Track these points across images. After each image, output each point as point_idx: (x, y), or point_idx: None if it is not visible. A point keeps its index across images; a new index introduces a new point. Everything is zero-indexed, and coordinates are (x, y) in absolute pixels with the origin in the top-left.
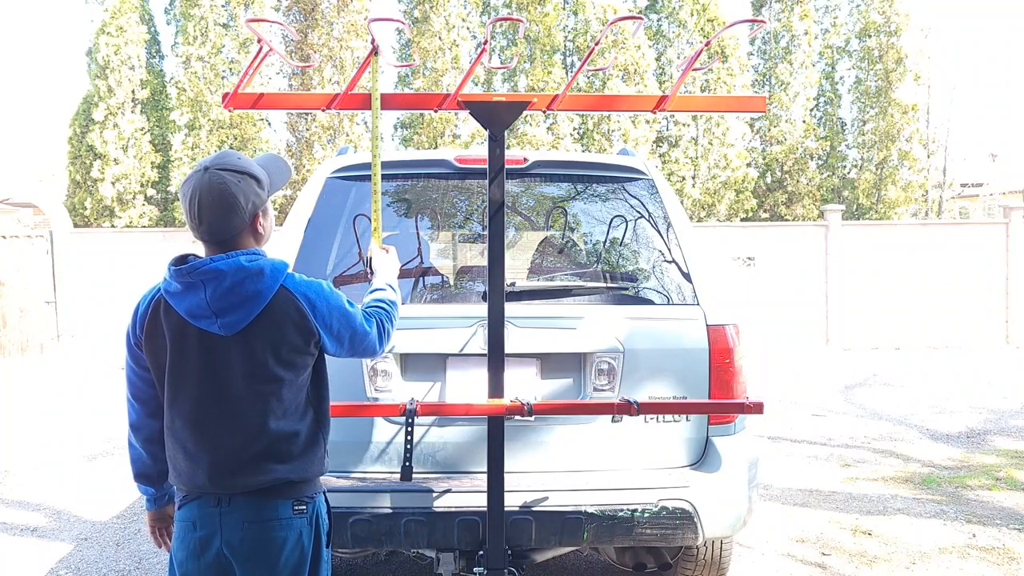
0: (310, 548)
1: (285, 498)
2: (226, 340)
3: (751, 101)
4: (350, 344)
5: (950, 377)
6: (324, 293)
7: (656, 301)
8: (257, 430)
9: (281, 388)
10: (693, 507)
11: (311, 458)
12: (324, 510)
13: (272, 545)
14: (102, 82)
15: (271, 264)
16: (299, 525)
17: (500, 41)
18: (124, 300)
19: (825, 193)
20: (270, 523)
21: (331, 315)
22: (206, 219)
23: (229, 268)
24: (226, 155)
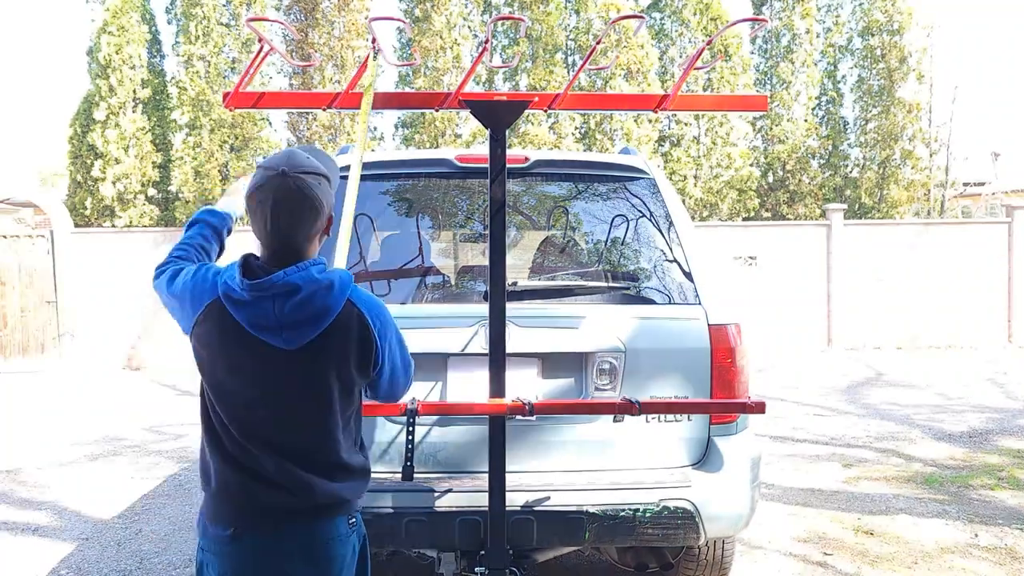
0: (359, 560)
1: (343, 515)
2: (286, 354)
3: (753, 100)
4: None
5: (952, 377)
6: (386, 312)
7: (658, 300)
8: (316, 451)
9: (339, 404)
10: (695, 507)
11: (362, 474)
12: (361, 519)
13: (333, 564)
14: (103, 81)
15: (339, 276)
16: (354, 540)
17: (501, 40)
18: (125, 300)
19: (827, 192)
20: (331, 543)
21: (390, 336)
22: (287, 224)
23: (304, 282)
24: (296, 156)
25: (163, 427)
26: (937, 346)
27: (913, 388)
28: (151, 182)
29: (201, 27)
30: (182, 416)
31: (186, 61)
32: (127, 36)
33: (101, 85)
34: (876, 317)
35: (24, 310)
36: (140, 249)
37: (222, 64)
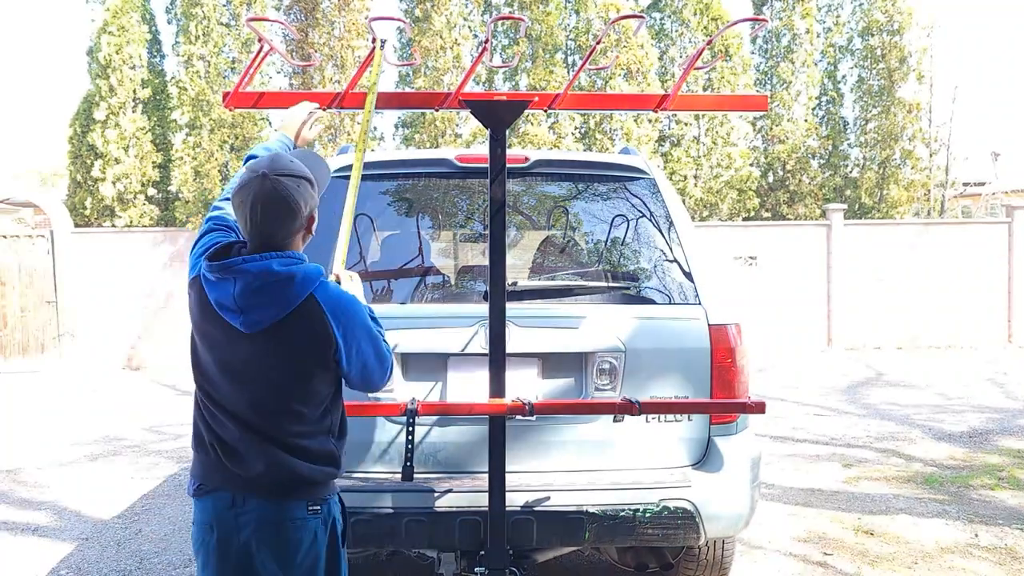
0: (324, 549)
1: (300, 498)
2: (248, 336)
3: (753, 100)
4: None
5: (952, 377)
6: (354, 311)
7: (658, 300)
8: (274, 429)
9: (299, 391)
10: (695, 507)
11: (327, 460)
12: (339, 511)
13: (288, 546)
14: (103, 81)
15: (304, 271)
16: (314, 526)
17: (501, 40)
18: (125, 300)
19: (827, 192)
20: (285, 524)
21: (356, 333)
22: (266, 225)
23: (258, 271)
24: (279, 159)
25: (163, 427)
26: (937, 346)
27: (913, 388)
28: (151, 182)
29: (201, 27)
30: (182, 416)
31: (186, 61)
32: (127, 36)
33: (101, 85)
34: (876, 317)
35: (24, 310)
36: (140, 249)
37: (222, 64)
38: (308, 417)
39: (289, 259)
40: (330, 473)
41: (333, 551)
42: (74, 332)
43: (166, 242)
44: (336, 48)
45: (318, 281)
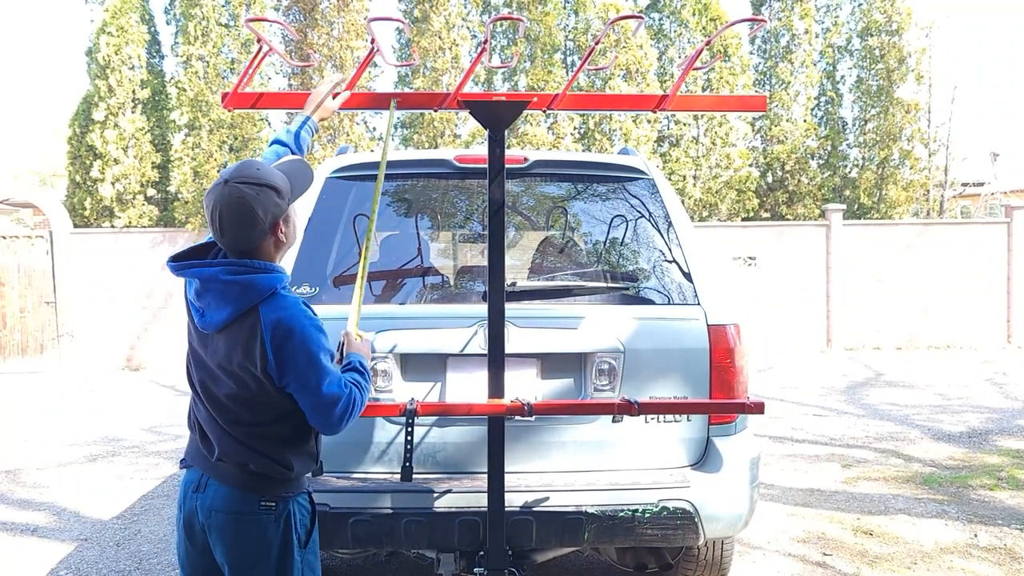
0: (276, 547)
1: (252, 492)
2: (207, 335)
3: (752, 100)
4: (309, 404)
5: (952, 377)
6: (298, 332)
7: (657, 301)
8: (229, 423)
9: (242, 395)
10: (694, 507)
11: (284, 457)
12: (303, 512)
13: (234, 536)
14: (102, 82)
15: (250, 281)
16: (264, 521)
17: (500, 40)
18: (124, 300)
19: (826, 192)
20: (233, 514)
21: (295, 359)
22: (227, 232)
23: (203, 277)
24: (246, 166)
25: (162, 427)
26: (936, 346)
27: (912, 388)
28: (150, 182)
29: (200, 27)
30: (181, 416)
31: (185, 61)
32: (126, 37)
33: (100, 85)
34: (875, 317)
35: (23, 310)
36: (139, 249)
37: (221, 65)
38: (258, 420)
39: (239, 267)
40: (280, 472)
41: (286, 551)
42: (73, 332)
43: (165, 242)
44: (335, 49)
45: (268, 293)
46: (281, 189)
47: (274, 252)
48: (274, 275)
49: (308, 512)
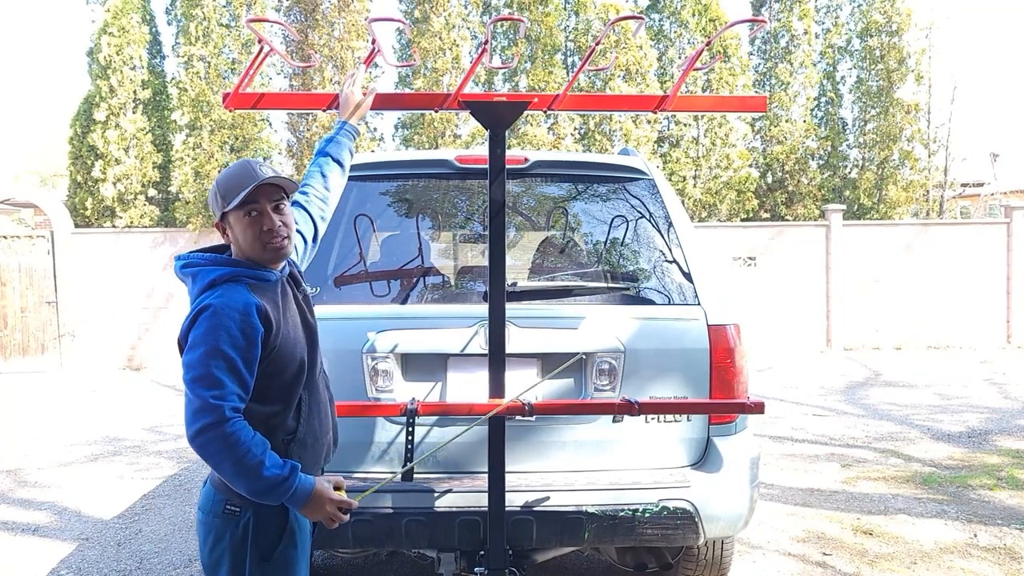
0: (230, 554)
1: (221, 494)
2: None
3: (751, 101)
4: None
5: (951, 377)
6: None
7: (657, 301)
8: None
9: None
10: (694, 507)
11: None
12: (268, 525)
13: (201, 537)
14: (103, 82)
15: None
16: (223, 527)
17: (501, 41)
18: (125, 300)
19: (826, 193)
20: (203, 514)
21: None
22: None
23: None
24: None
25: (163, 427)
26: (936, 346)
27: (912, 388)
28: (151, 183)
29: (201, 28)
30: (181, 417)
31: (186, 62)
32: (127, 37)
33: (101, 86)
34: (875, 317)
35: (24, 310)
36: (140, 250)
37: (222, 65)
38: None
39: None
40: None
41: (238, 561)
42: (74, 332)
43: (166, 243)
44: (336, 49)
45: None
46: (219, 194)
47: (243, 250)
48: (222, 268)
49: (276, 525)
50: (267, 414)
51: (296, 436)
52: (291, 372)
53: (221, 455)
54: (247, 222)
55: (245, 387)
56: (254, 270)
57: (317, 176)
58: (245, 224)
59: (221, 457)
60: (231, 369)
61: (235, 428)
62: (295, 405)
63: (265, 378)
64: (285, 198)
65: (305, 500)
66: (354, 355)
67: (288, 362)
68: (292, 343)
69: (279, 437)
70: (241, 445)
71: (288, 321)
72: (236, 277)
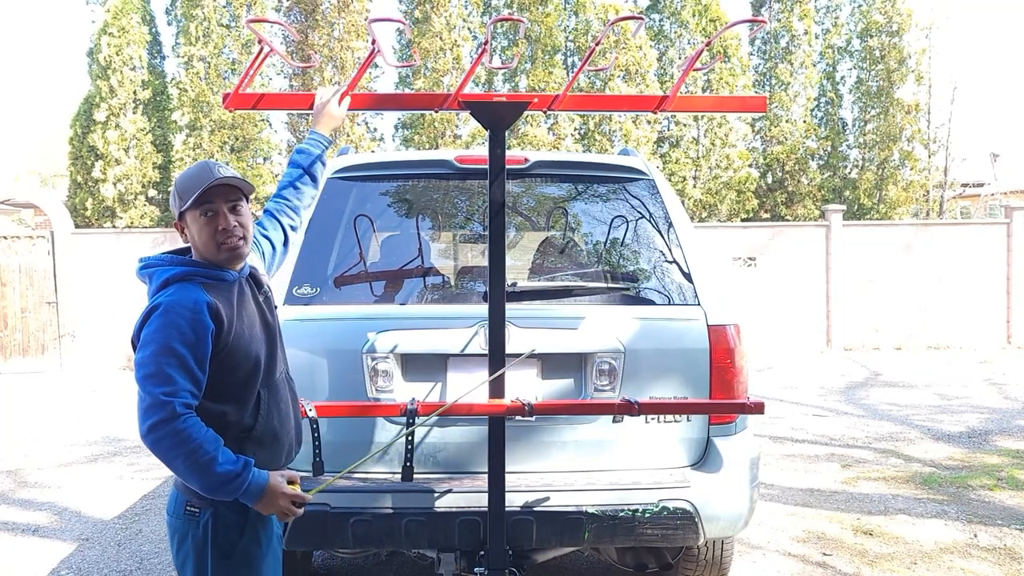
0: (193, 554)
1: (183, 495)
2: None
3: (751, 101)
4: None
5: (951, 377)
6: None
7: (657, 301)
8: None
9: None
10: (694, 507)
11: None
12: (227, 520)
13: (169, 538)
14: (103, 83)
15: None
16: (186, 527)
17: (501, 41)
18: (125, 301)
19: (826, 193)
20: (168, 516)
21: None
22: None
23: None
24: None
25: None
26: (936, 347)
27: (912, 388)
28: (151, 183)
29: (201, 28)
30: None
31: (186, 62)
32: (127, 37)
33: (101, 86)
34: (875, 318)
35: (24, 311)
36: (140, 250)
37: (222, 65)
38: None
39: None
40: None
41: (201, 560)
42: (74, 333)
43: (167, 243)
44: (336, 49)
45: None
46: (177, 194)
47: (199, 250)
48: (176, 267)
49: (235, 523)
50: (221, 411)
51: (253, 434)
52: (246, 370)
53: (173, 451)
54: (203, 222)
55: (197, 384)
56: (209, 269)
57: (289, 187)
58: (201, 224)
59: (173, 454)
60: (182, 366)
61: (187, 424)
62: (252, 403)
63: (218, 375)
64: (243, 200)
65: (259, 495)
66: (354, 355)
67: (243, 360)
68: (247, 341)
69: (233, 433)
70: (192, 441)
71: (244, 320)
72: (189, 276)
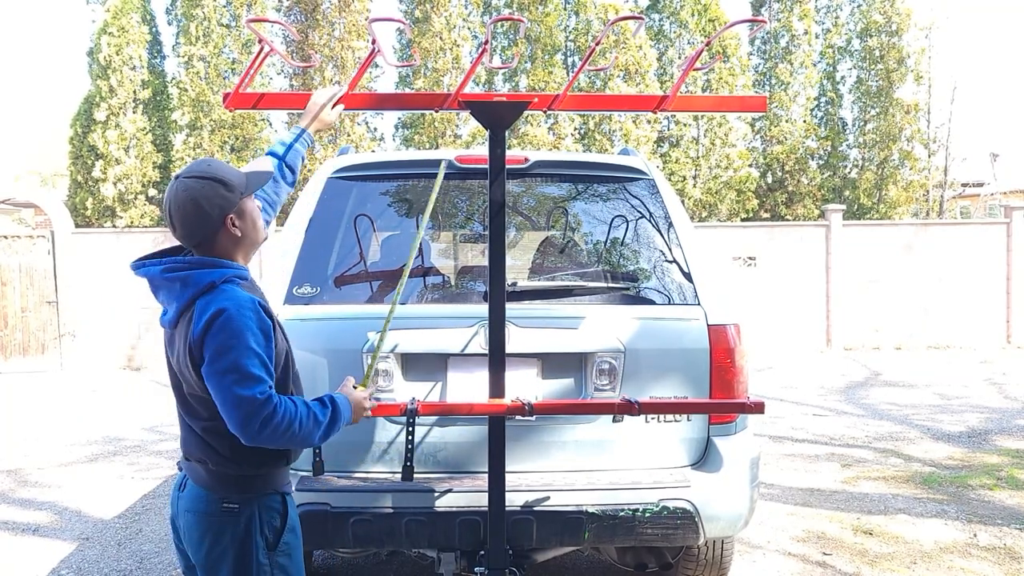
0: (234, 550)
1: (214, 492)
2: (168, 332)
3: (751, 101)
4: (217, 400)
5: (951, 377)
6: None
7: (657, 301)
8: (192, 420)
9: (196, 387)
10: (694, 507)
11: (241, 455)
12: (271, 513)
13: (196, 536)
14: (104, 82)
15: (188, 277)
16: (223, 524)
17: (501, 41)
18: (125, 300)
19: (826, 193)
20: (197, 514)
21: (211, 353)
22: (177, 226)
23: (148, 275)
24: (197, 163)
25: (163, 427)
26: (936, 346)
27: (912, 388)
28: (151, 182)
29: (201, 28)
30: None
31: (186, 62)
32: (127, 37)
33: (102, 86)
34: (875, 317)
35: (24, 310)
36: (140, 249)
37: (222, 65)
38: (210, 416)
39: (178, 264)
40: (239, 471)
41: (245, 554)
42: (74, 332)
43: (166, 242)
44: (336, 49)
45: (206, 286)
46: (229, 182)
47: (232, 247)
48: (216, 269)
49: (278, 513)
50: None
51: None
52: (283, 367)
53: (283, 438)
54: (257, 213)
55: (273, 379)
56: (239, 270)
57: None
58: (256, 215)
59: (284, 439)
60: (262, 364)
61: (284, 410)
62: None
63: None
64: None
65: (351, 411)
66: (354, 355)
67: (282, 357)
68: (282, 339)
69: None
70: (295, 421)
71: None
72: (231, 279)
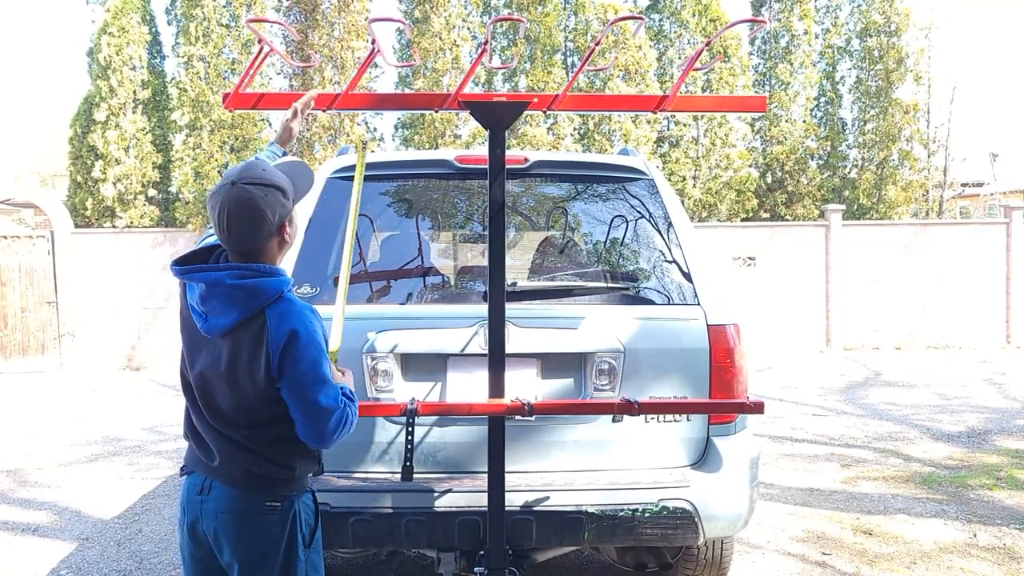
0: (281, 547)
1: (257, 492)
2: (209, 340)
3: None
4: (300, 409)
5: (951, 377)
6: (303, 335)
7: (657, 301)
8: (228, 428)
9: (250, 394)
10: (694, 507)
11: (285, 458)
12: (307, 511)
13: (242, 537)
14: (103, 82)
15: (256, 284)
16: (270, 521)
17: (500, 41)
18: (125, 300)
19: (826, 193)
20: (241, 515)
21: (302, 360)
22: (235, 232)
23: (209, 281)
24: (252, 167)
25: (163, 427)
26: (935, 346)
27: (911, 388)
28: (151, 183)
29: (201, 28)
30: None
31: (186, 62)
32: (127, 37)
33: (101, 86)
34: (874, 317)
35: (24, 310)
36: (140, 250)
37: (222, 65)
38: (257, 423)
39: (245, 271)
40: (283, 473)
41: (291, 551)
42: (74, 332)
43: (166, 243)
44: (336, 49)
45: (275, 296)
46: (286, 190)
47: (278, 253)
48: (280, 279)
49: (312, 511)
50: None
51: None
52: None
53: (347, 434)
54: (296, 218)
55: None
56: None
57: None
58: (296, 221)
59: (346, 435)
60: (329, 368)
61: (351, 410)
62: None
63: None
64: None
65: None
66: (354, 355)
67: None
68: None
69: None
70: (354, 416)
71: None
72: (290, 288)
